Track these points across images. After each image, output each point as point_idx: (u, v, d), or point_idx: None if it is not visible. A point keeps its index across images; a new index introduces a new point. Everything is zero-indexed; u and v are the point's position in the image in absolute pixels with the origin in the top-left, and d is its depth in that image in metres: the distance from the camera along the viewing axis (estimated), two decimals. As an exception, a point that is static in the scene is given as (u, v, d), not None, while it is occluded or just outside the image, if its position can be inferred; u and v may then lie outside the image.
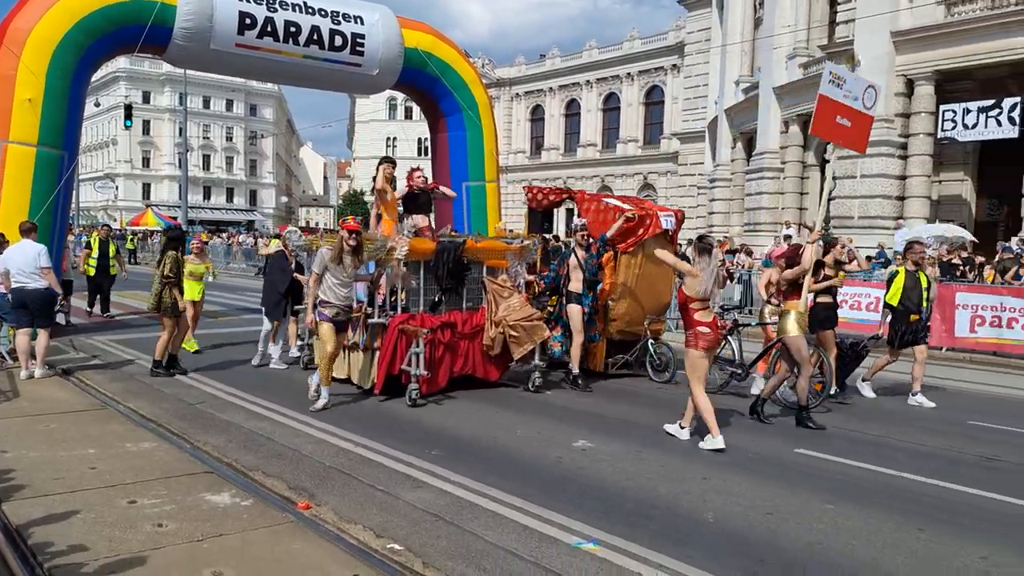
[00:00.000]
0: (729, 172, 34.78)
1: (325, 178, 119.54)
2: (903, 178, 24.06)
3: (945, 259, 17.02)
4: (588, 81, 53.58)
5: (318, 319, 8.33)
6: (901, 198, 24.08)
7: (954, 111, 22.24)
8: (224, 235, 45.48)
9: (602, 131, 53.54)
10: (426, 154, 65.70)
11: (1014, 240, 19.28)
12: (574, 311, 9.97)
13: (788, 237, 20.37)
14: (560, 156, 55.95)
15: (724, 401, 9.39)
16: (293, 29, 14.49)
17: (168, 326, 10.12)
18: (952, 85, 23.27)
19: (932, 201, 24.19)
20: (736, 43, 34.62)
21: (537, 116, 58.21)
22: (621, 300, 10.77)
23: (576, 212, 11.48)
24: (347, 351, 9.45)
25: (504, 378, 10.19)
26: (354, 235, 8.35)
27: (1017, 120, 20.96)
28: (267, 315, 11.10)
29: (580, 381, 10.04)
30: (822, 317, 9.60)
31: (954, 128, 22.33)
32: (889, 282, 10.05)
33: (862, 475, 6.65)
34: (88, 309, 16.28)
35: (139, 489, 5.42)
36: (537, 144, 58.13)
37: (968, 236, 19.44)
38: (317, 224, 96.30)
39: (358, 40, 15.33)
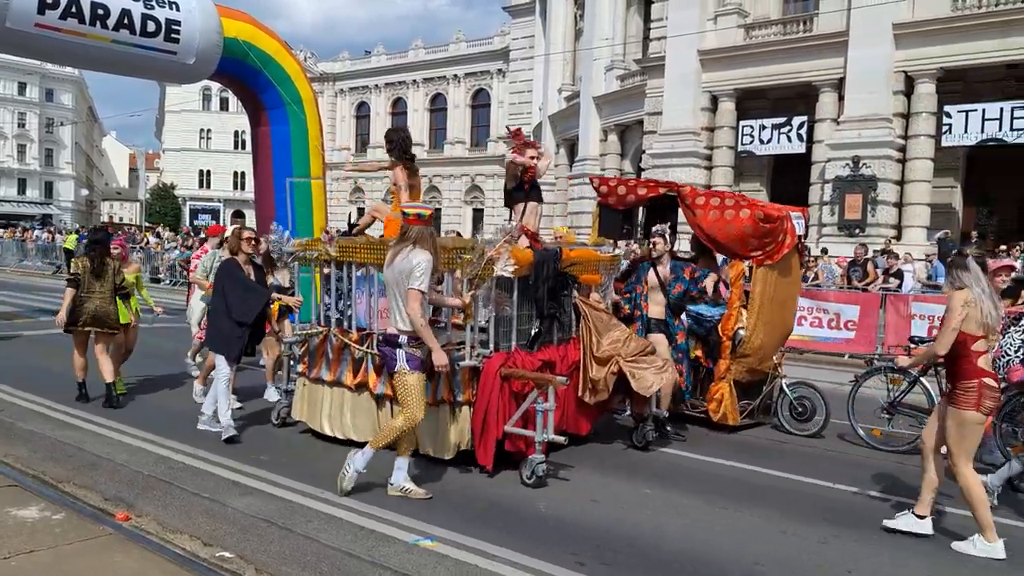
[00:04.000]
0: (553, 177, 35.97)
1: (132, 170, 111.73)
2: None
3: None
4: (415, 80, 53.53)
5: (409, 367, 5.63)
6: (707, 205, 25.92)
7: (752, 127, 24.28)
8: (17, 230, 41.35)
9: (429, 131, 53.65)
10: (244, 147, 63.31)
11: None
12: (660, 342, 7.94)
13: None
14: (387, 154, 55.48)
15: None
16: (101, 11, 13.49)
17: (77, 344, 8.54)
18: (751, 103, 25.35)
19: (733, 209, 26.23)
20: (558, 52, 35.88)
21: (363, 113, 57.43)
22: (756, 330, 8.16)
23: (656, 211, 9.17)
24: (376, 401, 6.98)
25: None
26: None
27: (804, 137, 23.22)
28: (217, 353, 7.46)
29: (666, 428, 7.86)
30: None
31: (752, 142, 24.37)
32: None
33: (678, 460, 7.18)
34: None
35: (-71, 509, 4.93)
36: (363, 141, 57.34)
37: None
38: (121, 219, 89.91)
39: (173, 27, 14.53)
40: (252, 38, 15.99)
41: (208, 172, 69.76)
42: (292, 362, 7.91)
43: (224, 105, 66.38)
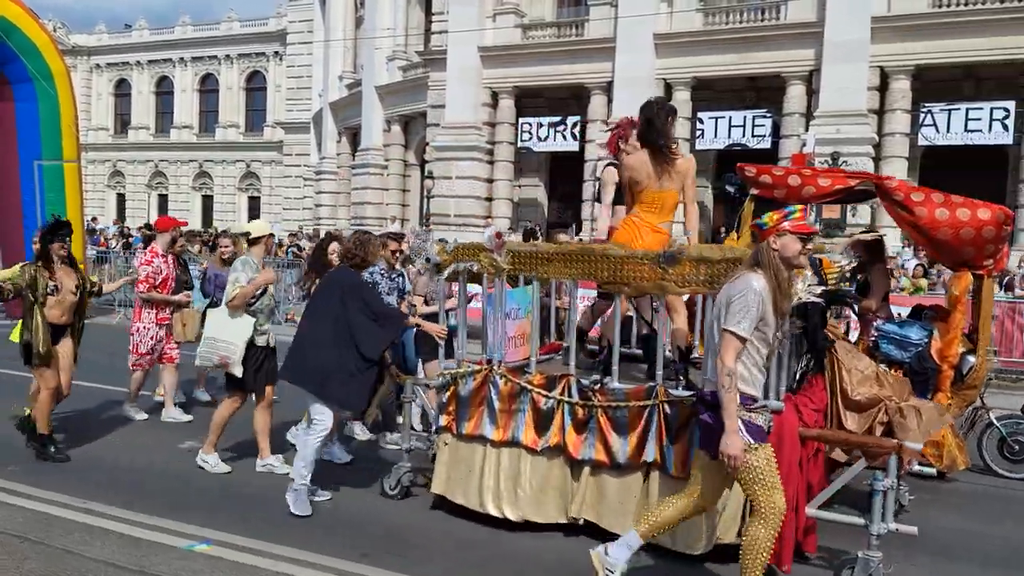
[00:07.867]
0: (335, 165, 35.34)
1: None
2: (490, 181, 26.68)
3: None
4: (182, 59, 50.20)
5: (753, 440, 3.89)
6: (489, 199, 26.70)
7: (530, 124, 25.31)
8: None
9: (199, 113, 50.60)
10: (-19, 123, 56.44)
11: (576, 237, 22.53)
12: None
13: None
14: (151, 136, 51.71)
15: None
16: None
17: (48, 379, 6.54)
18: (529, 100, 26.38)
19: (514, 203, 27.21)
20: (338, 40, 35.24)
21: (123, 91, 53.06)
22: (985, 355, 6.67)
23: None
24: (570, 468, 5.15)
25: None
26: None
27: (578, 136, 24.55)
28: (341, 406, 5.77)
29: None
30: None
31: (530, 139, 25.42)
32: None
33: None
34: None
35: None
36: (123, 122, 53.03)
37: None
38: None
39: None
40: (-10, 2, 14.41)
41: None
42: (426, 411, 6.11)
43: (-46, 74, 58.74)
